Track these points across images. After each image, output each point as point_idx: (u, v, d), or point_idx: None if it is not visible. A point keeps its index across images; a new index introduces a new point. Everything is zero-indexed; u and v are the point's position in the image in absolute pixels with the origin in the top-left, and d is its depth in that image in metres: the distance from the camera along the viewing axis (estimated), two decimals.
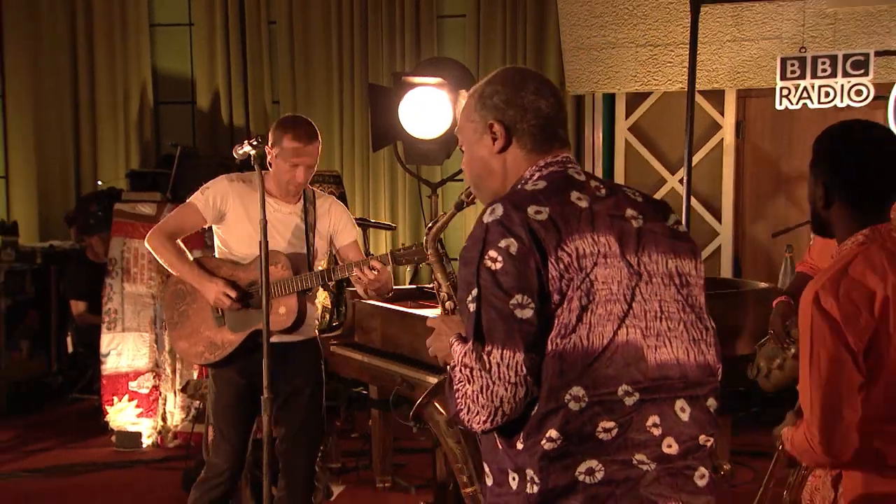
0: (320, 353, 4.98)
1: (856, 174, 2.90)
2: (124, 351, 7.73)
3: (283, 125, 4.75)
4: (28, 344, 9.08)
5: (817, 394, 2.80)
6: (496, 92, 2.57)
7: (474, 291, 2.33)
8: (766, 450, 6.56)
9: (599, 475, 2.32)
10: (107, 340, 7.87)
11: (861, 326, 2.74)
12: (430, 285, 7.12)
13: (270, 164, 4.70)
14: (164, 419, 7.70)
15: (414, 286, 7.29)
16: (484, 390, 2.30)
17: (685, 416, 2.42)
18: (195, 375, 7.55)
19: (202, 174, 8.24)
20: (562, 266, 2.31)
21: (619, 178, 9.50)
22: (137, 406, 7.74)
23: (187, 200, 4.80)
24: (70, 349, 8.97)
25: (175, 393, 7.74)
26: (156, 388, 7.71)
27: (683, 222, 7.88)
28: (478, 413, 2.31)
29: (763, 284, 6.83)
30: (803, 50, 8.14)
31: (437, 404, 2.91)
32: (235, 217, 4.72)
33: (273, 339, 4.52)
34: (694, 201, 8.59)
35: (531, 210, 2.35)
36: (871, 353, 2.77)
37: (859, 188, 2.90)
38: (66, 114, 10.46)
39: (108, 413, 7.82)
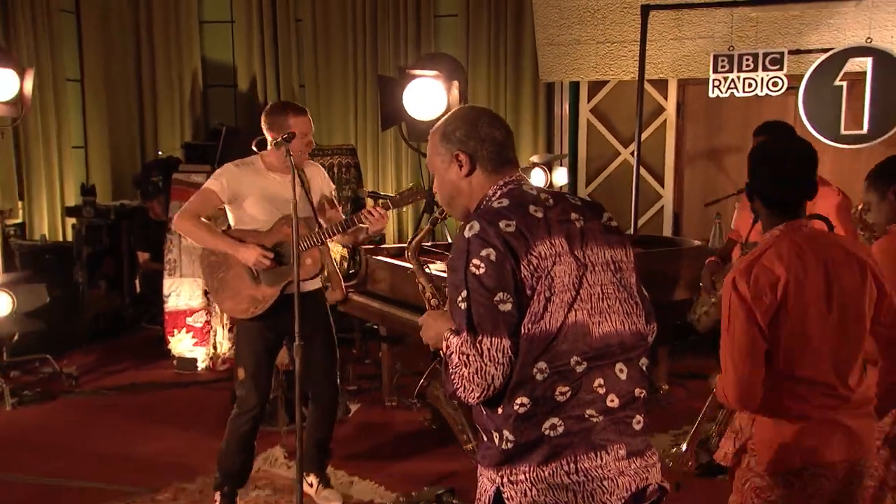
0: (325, 298, 4.97)
1: (771, 187, 2.94)
2: (182, 293, 7.82)
3: (281, 109, 4.65)
4: (105, 284, 9.12)
5: (732, 358, 2.85)
6: (457, 128, 2.58)
7: (464, 293, 2.36)
8: (698, 371, 6.71)
9: (560, 429, 2.38)
10: (168, 284, 7.94)
11: (766, 304, 2.79)
12: (429, 243, 7.22)
13: (261, 147, 4.64)
14: (214, 347, 7.80)
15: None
16: (479, 371, 2.34)
17: (623, 376, 2.47)
18: None
19: (242, 149, 8.31)
20: (531, 267, 2.36)
21: (581, 150, 9.56)
22: (193, 337, 7.83)
23: (203, 186, 4.68)
24: (138, 289, 9.03)
25: (223, 326, 7.81)
26: (208, 322, 7.79)
27: (634, 187, 8.06)
28: (473, 390, 2.35)
29: (697, 242, 6.90)
30: (731, 48, 8.14)
31: (435, 384, 2.98)
32: (248, 194, 4.61)
33: (301, 287, 4.50)
34: (642, 170, 8.68)
35: (502, 224, 2.38)
36: (773, 325, 2.81)
37: (773, 197, 2.94)
38: (132, 95, 10.45)
39: (169, 342, 7.92)
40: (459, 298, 2.38)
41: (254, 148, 4.75)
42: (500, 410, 2.41)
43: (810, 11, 8.25)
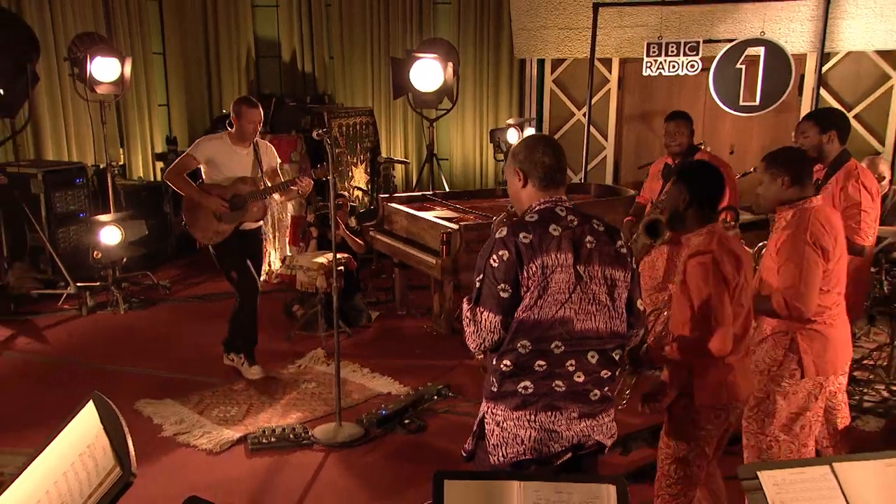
0: (263, 234, 5.48)
1: (705, 193, 3.00)
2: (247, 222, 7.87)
3: (240, 102, 5.09)
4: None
5: (718, 320, 2.85)
6: (521, 151, 2.63)
7: (480, 276, 2.51)
8: None
9: (530, 390, 2.51)
10: None
11: (734, 279, 2.88)
12: (431, 192, 7.38)
13: (231, 126, 5.11)
14: (269, 265, 7.82)
15: (420, 193, 7.23)
16: (475, 332, 2.52)
17: (594, 360, 2.54)
18: (288, 250, 7.71)
19: (285, 116, 8.43)
20: (530, 272, 2.45)
21: (546, 112, 9.59)
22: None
23: (186, 152, 5.15)
24: None
25: (275, 249, 7.81)
26: (264, 246, 7.86)
27: (585, 140, 8.20)
28: (471, 343, 2.55)
29: (631, 192, 6.92)
30: (661, 37, 8.18)
31: None
32: (216, 159, 5.09)
33: (247, 227, 5.24)
34: (591, 128, 8.84)
35: (521, 235, 2.48)
36: (732, 296, 2.89)
37: (707, 200, 3.01)
38: (202, 64, 10.38)
39: None
40: (477, 278, 2.53)
41: (227, 127, 5.24)
42: (494, 362, 2.56)
43: (720, 8, 8.31)
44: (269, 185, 5.19)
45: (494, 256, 2.49)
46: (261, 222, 5.32)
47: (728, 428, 3.15)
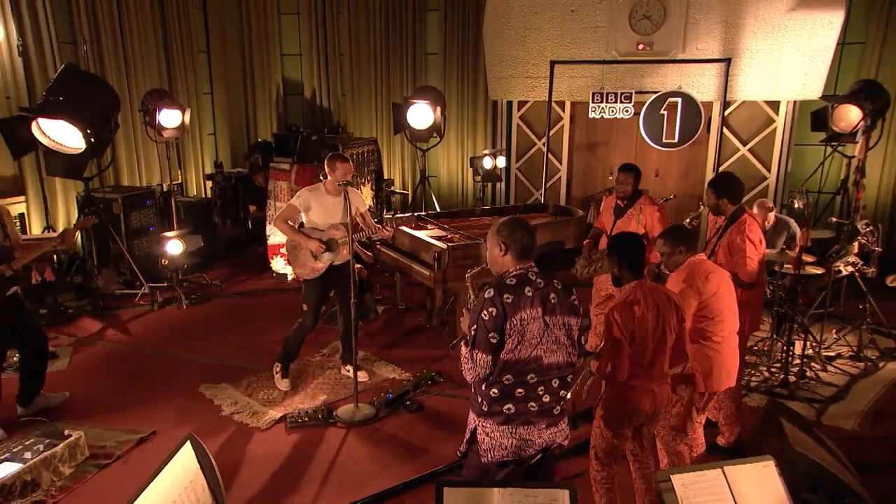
0: (353, 265, 5.13)
1: (631, 258, 3.16)
2: (277, 233, 7.77)
3: (334, 158, 4.79)
4: (230, 220, 9.19)
5: (611, 354, 3.08)
6: (503, 230, 2.69)
7: (475, 326, 2.59)
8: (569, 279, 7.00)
9: (512, 410, 2.62)
10: (269, 228, 8.02)
11: (628, 326, 3.05)
12: (424, 212, 7.35)
13: (325, 177, 4.83)
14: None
15: (416, 214, 7.11)
16: (472, 368, 2.62)
17: (556, 385, 2.66)
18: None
19: (311, 148, 8.46)
20: (512, 324, 2.54)
21: (513, 143, 9.60)
22: (284, 260, 7.86)
23: (290, 202, 4.87)
24: (249, 227, 9.16)
25: None
26: None
27: (544, 165, 8.33)
28: (468, 376, 2.65)
29: (580, 212, 6.90)
30: (602, 88, 8.36)
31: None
32: (314, 207, 4.86)
33: (337, 263, 4.96)
34: (549, 155, 9.00)
35: (505, 296, 2.55)
36: (631, 338, 3.06)
37: (633, 264, 3.17)
38: (241, 101, 10.39)
39: (271, 263, 7.99)
40: (473, 327, 2.61)
41: (320, 177, 5.02)
42: (483, 388, 2.66)
43: (648, 66, 8.44)
44: (358, 227, 5.00)
45: (485, 312, 2.58)
46: (349, 257, 4.92)
47: (641, 426, 3.33)
